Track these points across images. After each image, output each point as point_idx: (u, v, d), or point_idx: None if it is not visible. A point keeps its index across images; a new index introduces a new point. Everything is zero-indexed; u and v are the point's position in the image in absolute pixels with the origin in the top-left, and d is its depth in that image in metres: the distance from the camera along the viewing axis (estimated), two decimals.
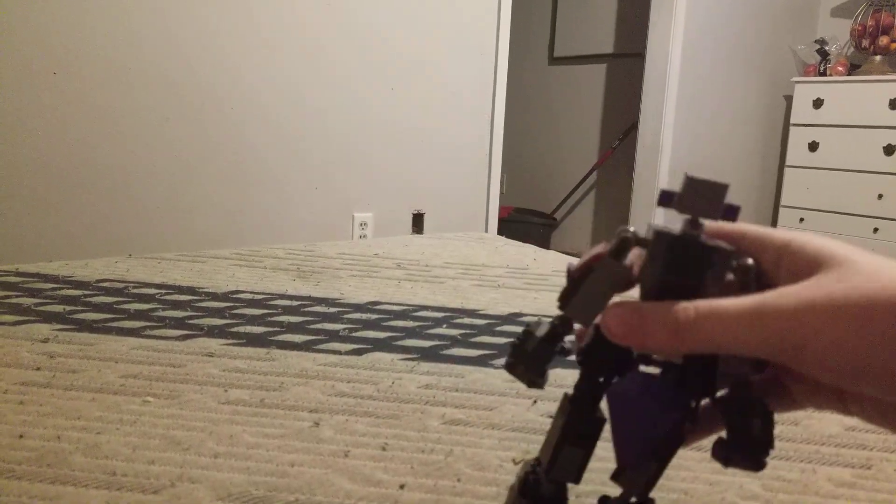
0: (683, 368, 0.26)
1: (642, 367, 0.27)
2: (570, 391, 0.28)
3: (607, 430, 0.27)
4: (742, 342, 0.23)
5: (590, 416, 0.28)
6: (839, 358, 0.22)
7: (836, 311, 0.22)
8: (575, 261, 0.28)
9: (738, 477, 0.43)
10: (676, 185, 0.26)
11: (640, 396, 0.26)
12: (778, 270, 0.26)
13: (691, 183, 0.25)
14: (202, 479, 0.39)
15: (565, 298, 0.27)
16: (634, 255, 0.27)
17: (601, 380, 0.28)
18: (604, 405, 0.27)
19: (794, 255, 0.25)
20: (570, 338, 0.29)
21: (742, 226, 0.27)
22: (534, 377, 0.28)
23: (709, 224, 0.27)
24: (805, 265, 0.25)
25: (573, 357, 0.28)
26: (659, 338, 0.24)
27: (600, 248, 0.27)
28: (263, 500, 0.37)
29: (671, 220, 0.29)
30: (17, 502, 0.36)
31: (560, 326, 0.28)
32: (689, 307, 0.24)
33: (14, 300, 0.74)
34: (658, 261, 0.25)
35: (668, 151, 3.24)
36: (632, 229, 0.26)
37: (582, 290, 0.27)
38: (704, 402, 0.27)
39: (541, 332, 0.28)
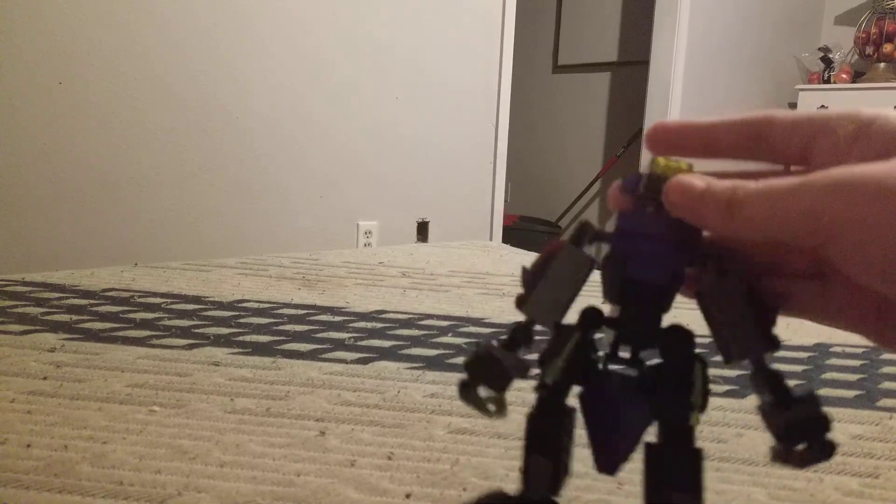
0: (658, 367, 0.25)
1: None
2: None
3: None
4: (783, 221, 0.21)
5: (554, 419, 0.26)
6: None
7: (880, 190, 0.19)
8: (529, 263, 0.25)
9: (745, 486, 0.43)
10: None
11: (615, 400, 0.24)
12: (848, 157, 0.22)
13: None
14: (208, 489, 0.39)
15: (523, 297, 0.24)
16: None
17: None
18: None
19: (871, 137, 0.22)
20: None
21: (790, 113, 0.24)
22: (493, 399, 0.25)
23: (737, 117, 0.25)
24: (883, 146, 0.21)
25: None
26: (714, 212, 0.22)
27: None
28: None
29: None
30: None
31: (520, 332, 0.25)
32: (742, 183, 0.22)
33: (21, 310, 0.75)
34: (628, 252, 0.24)
35: None
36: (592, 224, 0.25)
37: (542, 284, 0.24)
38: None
39: (496, 345, 0.25)
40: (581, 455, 0.27)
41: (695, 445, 0.25)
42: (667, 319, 0.25)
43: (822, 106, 3.28)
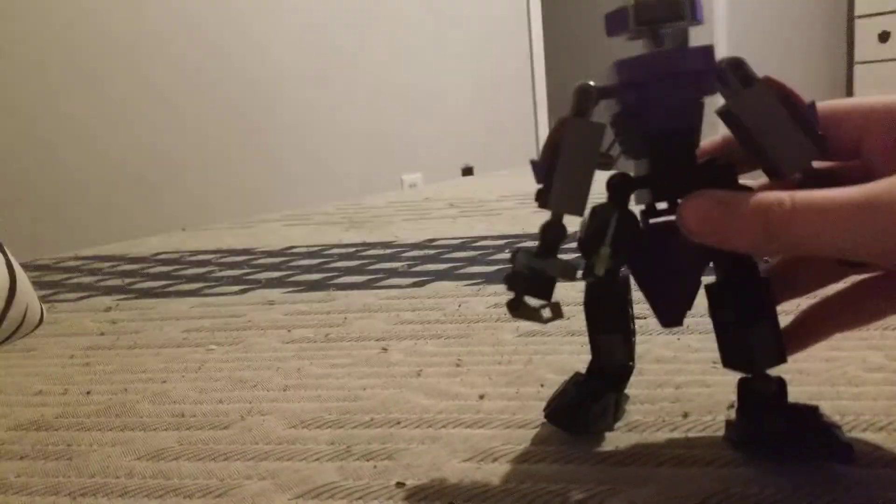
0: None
1: None
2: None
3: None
4: (849, 241, 0.19)
5: (611, 299, 0.25)
6: None
7: None
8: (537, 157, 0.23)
9: (858, 351, 0.38)
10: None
11: (666, 252, 0.23)
12: (886, 151, 0.21)
13: None
14: (273, 411, 0.37)
15: (543, 194, 0.22)
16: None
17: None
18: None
19: None
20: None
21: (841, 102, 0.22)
22: (544, 306, 0.24)
23: (823, 105, 0.21)
24: None
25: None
26: (748, 236, 0.20)
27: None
28: (337, 422, 0.35)
29: None
30: (88, 450, 0.34)
31: (551, 232, 0.24)
32: (785, 199, 0.19)
33: (75, 280, 0.74)
34: (642, 105, 0.21)
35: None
36: (591, 83, 0.21)
37: (558, 173, 0.22)
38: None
39: (530, 250, 0.24)
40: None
41: (759, 275, 0.22)
42: None
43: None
